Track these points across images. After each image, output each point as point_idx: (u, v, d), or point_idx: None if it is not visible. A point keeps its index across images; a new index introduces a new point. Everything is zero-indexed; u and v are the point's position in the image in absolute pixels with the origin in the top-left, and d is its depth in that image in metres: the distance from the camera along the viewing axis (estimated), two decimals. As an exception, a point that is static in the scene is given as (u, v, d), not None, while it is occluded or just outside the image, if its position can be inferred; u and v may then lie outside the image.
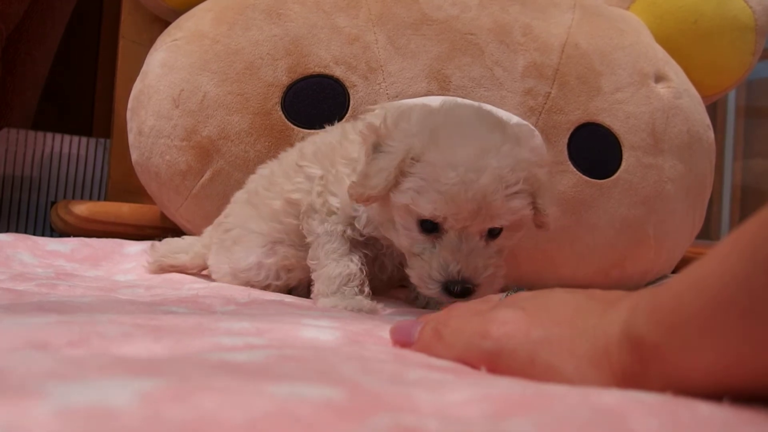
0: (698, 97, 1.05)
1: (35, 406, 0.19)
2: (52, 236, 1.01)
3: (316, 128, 0.85)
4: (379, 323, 0.47)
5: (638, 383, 0.27)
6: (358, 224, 0.67)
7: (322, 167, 0.70)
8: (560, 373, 0.30)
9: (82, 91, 1.70)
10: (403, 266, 0.65)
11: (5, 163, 1.40)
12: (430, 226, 0.59)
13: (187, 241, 0.86)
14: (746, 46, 1.07)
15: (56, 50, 1.49)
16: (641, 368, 0.27)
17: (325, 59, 0.90)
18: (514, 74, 0.91)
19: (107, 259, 0.93)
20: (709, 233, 1.85)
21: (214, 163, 0.91)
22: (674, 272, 1.06)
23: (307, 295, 0.73)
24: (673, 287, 0.26)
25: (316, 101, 0.90)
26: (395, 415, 0.21)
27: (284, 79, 0.90)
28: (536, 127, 0.89)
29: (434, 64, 0.90)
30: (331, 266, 0.67)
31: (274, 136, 0.90)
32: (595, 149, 0.93)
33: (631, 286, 0.97)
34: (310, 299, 0.70)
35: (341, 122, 0.81)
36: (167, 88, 0.94)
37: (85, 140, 1.46)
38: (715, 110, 1.83)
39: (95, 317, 0.38)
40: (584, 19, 0.99)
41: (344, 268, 0.67)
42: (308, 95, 0.90)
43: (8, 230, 1.18)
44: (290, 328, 0.40)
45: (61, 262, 0.90)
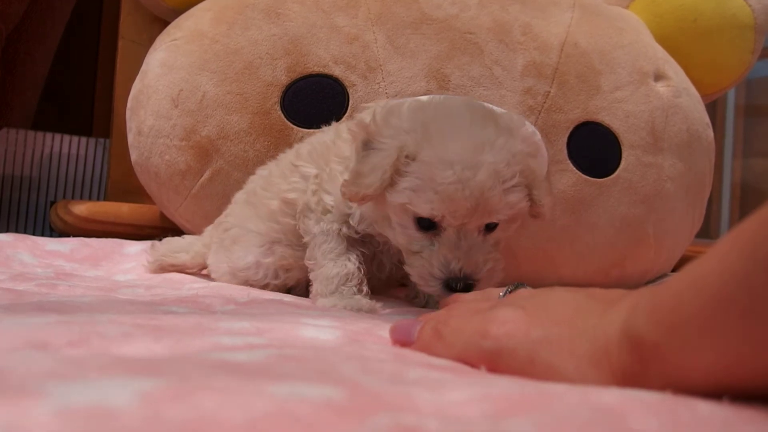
0: (698, 95, 1.05)
1: (35, 406, 0.19)
2: (51, 236, 1.01)
3: (315, 128, 0.85)
4: (378, 322, 0.47)
5: (638, 383, 0.27)
6: (352, 221, 0.67)
7: (316, 166, 0.70)
8: (560, 372, 0.30)
9: (81, 91, 1.70)
10: (401, 264, 0.65)
11: (5, 163, 1.40)
12: (427, 223, 0.59)
13: (187, 240, 0.86)
14: (745, 44, 1.07)
15: (56, 50, 1.49)
16: (641, 368, 0.27)
17: (324, 59, 0.90)
18: (513, 73, 0.91)
19: (107, 259, 0.93)
20: (708, 232, 1.86)
21: (213, 162, 0.91)
22: (674, 271, 1.06)
23: (305, 294, 0.73)
24: (672, 286, 0.26)
25: (315, 101, 0.90)
26: (395, 414, 0.21)
27: (283, 78, 0.90)
28: (536, 125, 0.89)
29: (433, 63, 0.90)
30: (328, 266, 0.67)
31: (273, 135, 0.90)
32: (594, 148, 0.93)
33: (631, 285, 0.97)
34: (309, 299, 0.70)
35: (339, 122, 0.81)
36: (166, 87, 0.94)
37: (84, 140, 1.46)
38: (714, 109, 1.83)
39: (95, 317, 0.38)
40: (584, 18, 0.99)
41: (342, 267, 0.66)
42: (307, 95, 0.90)
43: (8, 230, 1.18)
44: (290, 327, 0.40)
45: (60, 262, 0.90)
